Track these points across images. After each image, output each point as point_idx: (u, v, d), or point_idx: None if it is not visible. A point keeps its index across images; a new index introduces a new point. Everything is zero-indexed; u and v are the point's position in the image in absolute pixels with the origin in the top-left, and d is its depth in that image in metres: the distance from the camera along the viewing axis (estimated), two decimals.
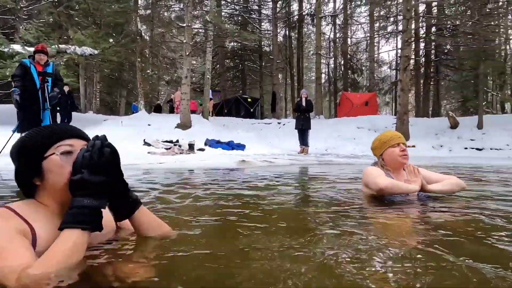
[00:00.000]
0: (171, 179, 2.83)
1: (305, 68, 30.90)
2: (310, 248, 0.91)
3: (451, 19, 13.29)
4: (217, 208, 1.61)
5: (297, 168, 4.79)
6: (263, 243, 0.96)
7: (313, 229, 1.19)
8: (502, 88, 20.13)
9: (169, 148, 6.35)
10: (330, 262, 0.81)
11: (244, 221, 1.32)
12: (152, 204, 1.63)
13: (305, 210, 1.66)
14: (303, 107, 8.30)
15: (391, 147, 1.79)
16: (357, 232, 1.11)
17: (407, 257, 0.85)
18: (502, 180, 3.24)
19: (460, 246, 0.99)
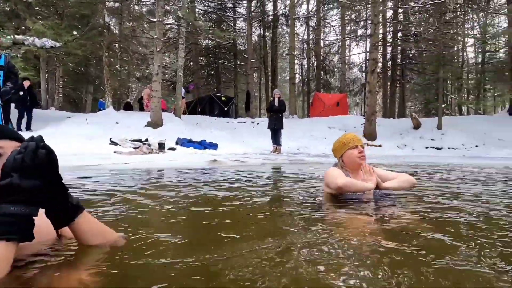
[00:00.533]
0: (136, 180, 2.72)
1: (279, 68, 31.25)
2: (281, 250, 0.91)
3: (415, 25, 14.07)
4: (185, 211, 1.57)
5: (268, 167, 4.82)
6: (234, 248, 0.94)
7: (284, 231, 1.19)
8: (459, 91, 21.74)
9: (138, 147, 6.12)
10: (301, 264, 0.81)
11: (214, 224, 1.30)
12: (115, 207, 1.55)
13: (275, 211, 1.67)
14: (275, 107, 8.38)
15: (350, 149, 1.88)
16: (323, 231, 1.12)
17: (382, 257, 0.88)
18: (457, 178, 3.49)
19: (412, 240, 1.03)
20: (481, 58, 20.72)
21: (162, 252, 0.90)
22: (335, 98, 16.37)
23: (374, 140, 11.00)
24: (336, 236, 1.09)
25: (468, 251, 0.93)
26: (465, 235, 1.15)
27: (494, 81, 18.28)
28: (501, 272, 0.78)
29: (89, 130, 8.65)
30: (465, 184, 2.82)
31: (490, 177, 3.56)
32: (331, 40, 23.29)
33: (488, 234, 1.13)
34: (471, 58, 23.98)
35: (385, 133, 11.55)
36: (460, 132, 10.91)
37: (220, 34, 12.79)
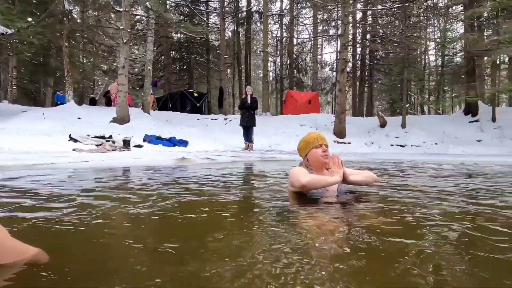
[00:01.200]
0: (90, 180, 2.51)
1: (253, 65, 31.19)
2: (246, 250, 0.84)
3: (382, 28, 14.66)
4: (143, 214, 1.43)
5: (239, 165, 4.74)
6: (199, 253, 0.85)
7: (251, 231, 1.12)
8: (421, 92, 23.11)
9: (100, 144, 5.74)
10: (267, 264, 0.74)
11: (179, 227, 1.19)
12: (63, 211, 1.38)
13: (243, 210, 1.58)
14: (247, 104, 8.31)
15: (314, 148, 1.89)
16: (285, 232, 1.06)
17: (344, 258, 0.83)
18: (418, 174, 3.64)
19: (376, 239, 1.00)
20: (441, 61, 22.20)
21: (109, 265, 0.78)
22: (307, 96, 16.65)
23: (343, 138, 11.34)
24: (302, 239, 1.03)
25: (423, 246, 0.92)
26: (420, 233, 1.15)
27: (452, 83, 19.66)
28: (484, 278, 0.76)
29: (47, 125, 8.00)
30: (426, 179, 2.95)
31: (449, 173, 3.76)
32: (304, 38, 23.65)
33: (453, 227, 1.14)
34: (432, 61, 25.60)
35: (354, 131, 11.95)
36: (422, 131, 11.58)
37: (192, 28, 12.41)
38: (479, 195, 2.10)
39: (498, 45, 9.85)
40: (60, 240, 1.05)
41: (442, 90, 21.31)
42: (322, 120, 13.26)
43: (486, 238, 1.10)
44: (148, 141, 7.46)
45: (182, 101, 16.18)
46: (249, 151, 8.12)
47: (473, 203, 1.78)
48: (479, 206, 1.67)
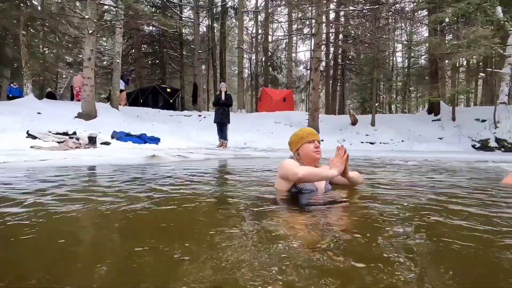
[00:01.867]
0: (48, 181, 2.31)
1: (228, 61, 30.90)
2: (217, 251, 0.78)
3: (353, 28, 15.11)
4: (106, 218, 1.32)
5: (212, 163, 4.65)
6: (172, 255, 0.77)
7: (223, 230, 1.06)
8: (389, 92, 24.23)
9: (62, 141, 5.36)
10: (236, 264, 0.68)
11: (145, 230, 1.10)
12: (17, 216, 1.23)
13: (217, 211, 1.52)
14: (222, 101, 8.18)
15: (307, 143, 1.86)
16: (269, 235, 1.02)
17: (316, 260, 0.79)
18: (389, 170, 3.78)
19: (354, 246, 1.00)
20: (407, 63, 23.42)
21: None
22: (282, 94, 16.80)
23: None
24: (281, 238, 1.00)
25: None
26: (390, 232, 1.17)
27: (417, 84, 20.83)
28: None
29: (1, 121, 7.34)
30: (392, 174, 3.06)
31: (415, 168, 3.95)
32: (279, 36, 23.79)
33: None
34: (400, 63, 26.93)
35: (326, 129, 12.24)
36: (390, 129, 12.13)
37: (164, 21, 11.98)
38: (442, 189, 2.21)
39: (458, 49, 10.53)
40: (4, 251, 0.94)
41: (408, 90, 22.50)
42: (297, 117, 13.45)
43: (449, 229, 1.14)
44: (116, 138, 7.10)
45: (154, 96, 15.64)
46: (223, 148, 8.02)
47: (435, 197, 1.86)
48: (440, 200, 1.75)
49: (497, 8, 10.80)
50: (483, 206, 1.59)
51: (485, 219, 1.31)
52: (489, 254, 0.91)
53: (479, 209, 1.51)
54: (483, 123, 11.15)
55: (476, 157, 7.03)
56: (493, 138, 10.40)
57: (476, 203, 1.68)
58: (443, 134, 11.54)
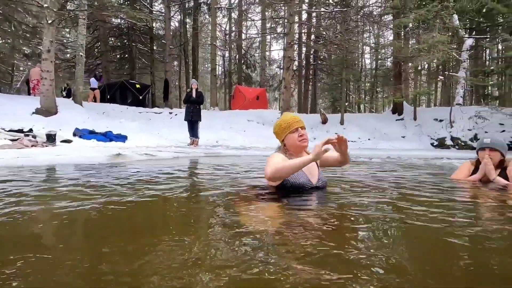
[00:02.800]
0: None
1: (201, 58, 30.37)
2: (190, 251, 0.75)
3: (324, 29, 15.50)
4: (65, 219, 1.24)
5: (181, 161, 4.55)
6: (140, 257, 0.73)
7: (189, 228, 1.03)
8: (358, 92, 25.24)
9: (17, 139, 4.96)
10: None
11: (107, 229, 1.04)
12: None
13: (183, 211, 1.48)
14: (193, 98, 8.04)
15: (290, 133, 1.82)
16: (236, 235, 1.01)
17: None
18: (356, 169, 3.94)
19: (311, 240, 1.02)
20: (375, 65, 24.52)
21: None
22: (255, 92, 16.85)
23: None
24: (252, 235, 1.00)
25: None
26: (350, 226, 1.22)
27: (383, 85, 21.89)
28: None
29: None
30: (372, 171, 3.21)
31: (380, 164, 4.16)
32: (252, 34, 23.81)
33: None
34: (368, 64, 28.10)
35: None
36: (357, 127, 12.65)
37: (132, 14, 11.47)
38: (403, 184, 2.35)
39: (419, 53, 11.22)
40: None
41: (375, 90, 23.58)
42: (269, 116, 13.57)
43: (407, 217, 1.21)
44: (79, 135, 6.72)
45: (122, 92, 14.96)
46: (194, 146, 7.89)
47: (398, 192, 1.98)
48: (400, 196, 1.86)
49: (453, 16, 11.65)
50: (436, 200, 1.71)
51: (439, 210, 1.41)
52: (442, 239, 0.99)
53: (432, 200, 1.63)
54: (441, 122, 12.00)
55: (434, 154, 7.55)
56: (449, 136, 11.23)
57: (430, 196, 1.81)
58: (406, 132, 12.25)
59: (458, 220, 1.29)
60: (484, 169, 2.24)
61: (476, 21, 12.98)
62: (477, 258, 0.88)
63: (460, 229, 1.14)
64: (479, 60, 18.90)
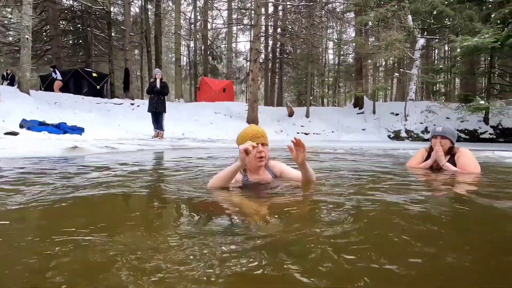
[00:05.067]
0: None
1: (164, 47, 29.10)
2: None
3: (290, 23, 15.67)
4: (16, 215, 1.09)
5: (145, 154, 4.34)
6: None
7: (150, 224, 0.95)
8: (322, 86, 26.08)
9: None
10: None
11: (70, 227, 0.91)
12: None
13: (146, 207, 1.39)
14: (156, 88, 7.66)
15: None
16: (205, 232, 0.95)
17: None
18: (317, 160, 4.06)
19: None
20: (337, 60, 25.45)
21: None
22: (222, 84, 16.59)
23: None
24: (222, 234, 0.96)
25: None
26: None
27: (345, 79, 22.84)
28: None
29: None
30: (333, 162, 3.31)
31: (343, 155, 4.33)
32: (219, 24, 23.29)
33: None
34: (331, 59, 29.08)
35: (265, 119, 12.59)
36: (322, 120, 13.10)
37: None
38: (365, 172, 2.47)
39: (378, 50, 11.86)
40: None
41: (338, 85, 24.54)
42: (236, 108, 13.48)
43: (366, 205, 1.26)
44: (27, 127, 6.08)
45: (76, 81, 13.79)
46: (159, 139, 7.57)
47: (357, 180, 2.07)
48: (363, 184, 1.95)
49: (408, 16, 12.44)
50: (394, 185, 1.82)
51: (396, 194, 1.49)
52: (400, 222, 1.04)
53: (391, 187, 1.72)
54: (396, 116, 12.88)
55: (391, 146, 8.10)
56: (404, 129, 12.11)
57: (389, 182, 1.92)
58: (366, 125, 12.97)
59: (404, 200, 1.38)
60: (435, 156, 2.44)
61: (428, 22, 14.02)
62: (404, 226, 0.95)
63: (401, 207, 1.22)
64: (429, 59, 20.51)
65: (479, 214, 1.30)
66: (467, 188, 1.89)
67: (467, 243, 0.93)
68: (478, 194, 1.71)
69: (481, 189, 1.85)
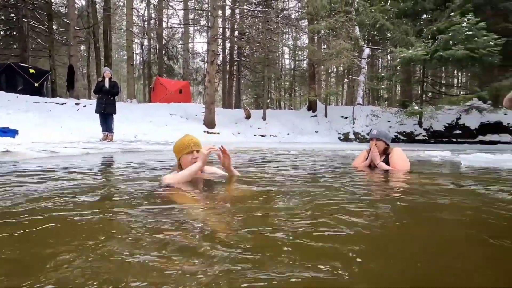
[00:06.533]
0: None
1: (116, 44, 27.43)
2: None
3: (247, 27, 15.91)
4: None
5: (91, 158, 4.06)
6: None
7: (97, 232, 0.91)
8: (279, 89, 26.86)
9: None
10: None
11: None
12: None
13: (97, 213, 1.31)
14: (105, 88, 7.20)
15: (185, 154, 1.95)
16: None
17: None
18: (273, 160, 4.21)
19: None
20: (293, 65, 26.46)
21: None
22: (178, 85, 16.15)
23: (213, 128, 11.74)
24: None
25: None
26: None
27: (300, 84, 23.85)
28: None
29: None
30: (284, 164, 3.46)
31: (296, 157, 4.55)
32: (174, 23, 22.66)
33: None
34: (287, 64, 30.12)
35: (223, 122, 12.57)
36: (278, 123, 13.51)
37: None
38: (315, 172, 2.64)
39: (329, 57, 12.63)
40: None
41: (294, 89, 25.51)
42: (193, 110, 13.25)
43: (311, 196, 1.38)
44: None
45: (9, 77, 12.28)
46: (108, 141, 7.12)
47: (307, 180, 2.21)
48: (313, 180, 2.10)
49: (356, 27, 13.49)
50: (340, 183, 1.99)
51: (343, 193, 1.65)
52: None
53: (336, 183, 1.89)
54: (346, 119, 13.84)
55: (340, 147, 8.68)
56: (352, 131, 13.06)
57: (335, 180, 2.10)
58: (319, 128, 13.70)
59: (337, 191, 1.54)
60: (371, 156, 2.75)
61: (372, 34, 15.34)
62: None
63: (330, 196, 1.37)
64: (374, 67, 22.43)
65: (388, 204, 1.50)
66: (390, 184, 2.17)
67: (378, 226, 1.08)
68: (397, 188, 1.98)
69: (400, 184, 2.14)
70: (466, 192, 1.91)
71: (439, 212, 1.36)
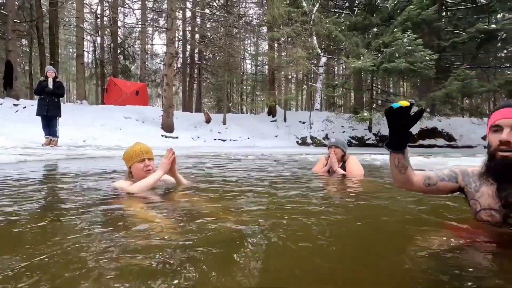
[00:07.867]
0: None
1: (64, 40, 25.40)
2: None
3: (208, 31, 15.83)
4: None
5: (28, 166, 3.71)
6: None
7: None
8: (240, 93, 27.05)
9: None
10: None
11: None
12: None
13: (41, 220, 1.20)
14: (48, 89, 6.62)
15: (137, 163, 1.93)
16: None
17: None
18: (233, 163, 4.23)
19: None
20: (254, 70, 26.87)
21: None
22: (134, 86, 15.43)
23: (171, 132, 11.42)
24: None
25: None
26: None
27: (261, 89, 24.29)
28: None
29: None
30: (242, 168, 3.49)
31: (253, 160, 4.62)
32: (131, 23, 21.67)
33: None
34: (249, 69, 30.48)
35: (182, 126, 12.30)
36: (238, 127, 13.59)
37: None
38: (271, 177, 2.72)
39: (288, 64, 13.09)
40: None
41: (255, 93, 25.88)
42: (151, 113, 12.76)
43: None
44: None
45: None
46: (51, 147, 6.55)
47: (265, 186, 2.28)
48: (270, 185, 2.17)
49: (313, 37, 14.17)
50: (301, 189, 2.09)
51: (304, 198, 1.73)
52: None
53: (298, 189, 1.98)
54: (303, 124, 14.40)
55: (298, 151, 9.02)
56: (309, 136, 13.63)
57: (296, 185, 2.20)
58: (278, 132, 14.07)
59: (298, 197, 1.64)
60: (330, 162, 2.97)
61: (328, 44, 16.25)
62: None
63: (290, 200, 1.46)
64: (330, 74, 23.69)
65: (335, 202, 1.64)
66: (345, 187, 2.36)
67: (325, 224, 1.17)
68: (351, 191, 2.16)
69: (354, 187, 2.33)
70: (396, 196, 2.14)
71: (379, 211, 1.53)
